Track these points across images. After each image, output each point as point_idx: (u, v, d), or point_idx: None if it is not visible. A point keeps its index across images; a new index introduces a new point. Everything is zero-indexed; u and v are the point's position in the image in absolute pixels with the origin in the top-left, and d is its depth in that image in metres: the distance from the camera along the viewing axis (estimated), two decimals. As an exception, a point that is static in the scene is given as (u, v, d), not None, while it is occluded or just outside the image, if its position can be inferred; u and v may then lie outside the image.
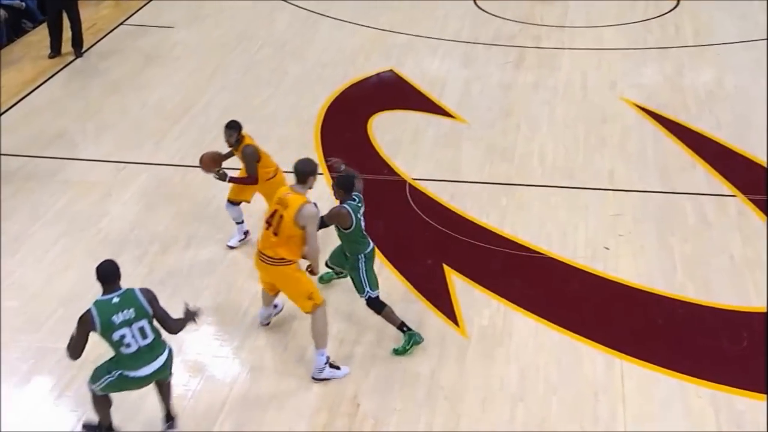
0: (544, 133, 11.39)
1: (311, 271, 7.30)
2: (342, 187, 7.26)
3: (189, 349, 7.58)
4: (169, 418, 6.68)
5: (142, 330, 6.10)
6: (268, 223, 7.08)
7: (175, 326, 6.33)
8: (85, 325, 6.04)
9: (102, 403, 6.40)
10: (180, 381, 7.18)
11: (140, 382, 6.29)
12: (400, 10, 15.49)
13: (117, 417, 6.59)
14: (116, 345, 6.08)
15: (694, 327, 7.96)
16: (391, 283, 8.40)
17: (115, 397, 6.45)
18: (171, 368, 6.41)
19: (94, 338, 6.11)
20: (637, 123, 11.61)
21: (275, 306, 7.84)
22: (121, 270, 6.24)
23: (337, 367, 7.28)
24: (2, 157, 10.69)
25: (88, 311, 6.04)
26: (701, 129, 11.37)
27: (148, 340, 6.13)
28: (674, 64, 13.32)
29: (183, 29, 14.80)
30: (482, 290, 8.33)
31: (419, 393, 7.13)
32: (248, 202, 8.76)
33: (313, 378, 7.23)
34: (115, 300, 6.07)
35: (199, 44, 14.22)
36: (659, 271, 8.62)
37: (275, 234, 7.01)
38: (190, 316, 6.38)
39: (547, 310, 8.06)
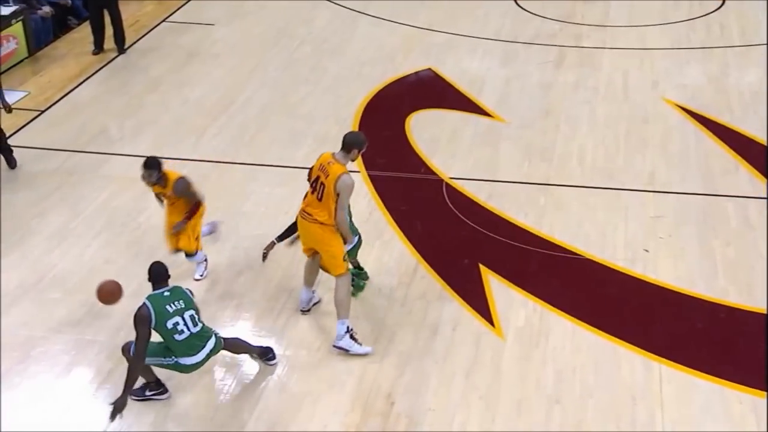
0: (584, 133, 11.26)
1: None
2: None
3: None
4: (264, 355, 7.24)
5: (192, 318, 6.62)
6: (313, 187, 7.34)
7: None
8: (143, 320, 6.47)
9: (144, 369, 6.72)
10: (216, 376, 7.23)
11: (193, 368, 6.75)
12: (440, 9, 15.40)
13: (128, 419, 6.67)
14: (170, 332, 6.51)
15: (735, 332, 7.82)
16: (426, 282, 8.36)
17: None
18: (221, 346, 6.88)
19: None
20: (679, 124, 11.44)
21: (313, 291, 7.89)
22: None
23: (359, 343, 7.38)
24: (46, 151, 10.83)
25: (144, 306, 6.49)
26: (745, 130, 11.17)
27: (198, 328, 6.64)
28: (718, 64, 13.11)
29: (223, 26, 14.86)
30: (519, 291, 8.25)
31: (454, 393, 7.07)
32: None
33: (333, 346, 7.38)
34: (166, 293, 6.61)
35: (239, 41, 14.26)
36: (700, 275, 8.48)
37: (319, 199, 7.28)
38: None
39: (585, 312, 7.96)
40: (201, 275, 8.37)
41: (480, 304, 8.07)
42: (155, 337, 6.58)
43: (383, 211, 9.54)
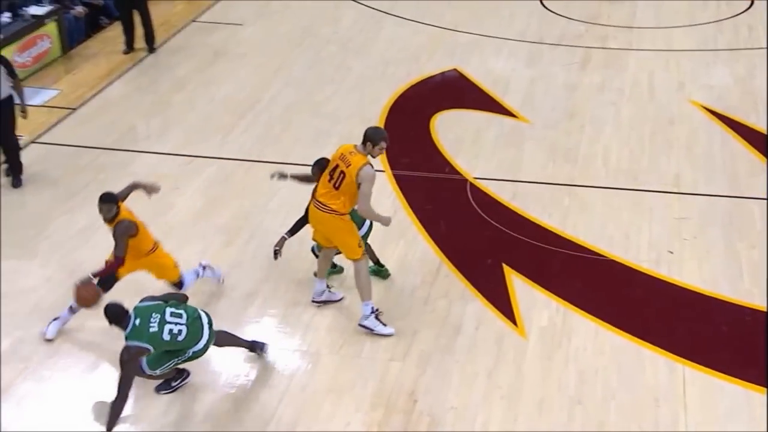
0: (609, 134, 11.18)
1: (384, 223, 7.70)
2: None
3: (254, 337, 7.62)
4: (255, 348, 7.27)
5: (174, 313, 6.62)
6: (331, 176, 7.38)
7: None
8: (136, 356, 6.48)
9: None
10: (241, 371, 7.25)
11: (207, 346, 6.83)
12: (465, 9, 15.36)
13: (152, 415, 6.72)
14: (172, 341, 6.54)
15: (760, 334, 7.70)
16: (449, 281, 8.34)
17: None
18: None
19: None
20: (705, 125, 11.33)
21: (330, 290, 7.96)
22: (184, 261, 6.34)
23: (383, 323, 7.51)
24: (76, 149, 10.90)
25: (132, 346, 6.44)
26: (771, 132, 11.07)
27: (186, 315, 6.66)
28: (746, 66, 12.96)
29: (250, 26, 14.90)
30: (542, 291, 8.20)
31: (476, 392, 7.04)
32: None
33: (359, 325, 7.56)
34: (137, 321, 6.51)
35: (266, 41, 14.29)
36: (725, 277, 8.39)
37: (336, 187, 7.33)
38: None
39: (608, 313, 7.90)
40: (220, 280, 8.30)
41: (503, 304, 8.03)
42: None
43: (407, 210, 9.52)
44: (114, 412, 6.47)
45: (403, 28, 14.69)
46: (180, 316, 6.64)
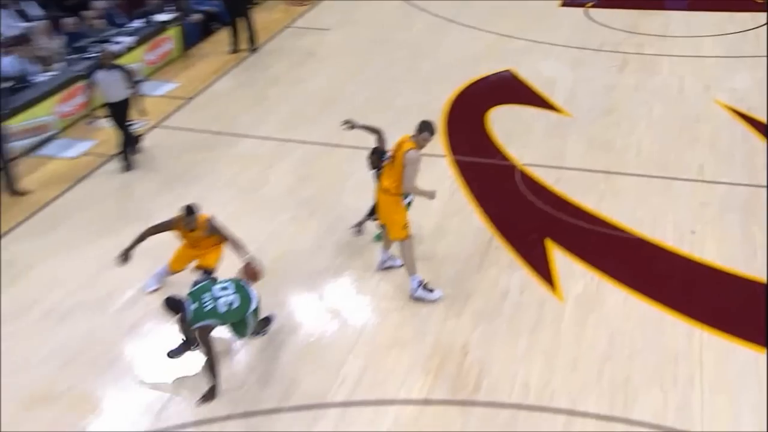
0: (642, 129, 10.88)
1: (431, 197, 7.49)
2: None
3: (329, 297, 7.67)
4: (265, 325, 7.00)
5: (221, 288, 6.42)
6: (390, 160, 7.37)
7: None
8: (206, 333, 6.26)
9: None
10: (319, 324, 7.28)
11: (257, 312, 6.63)
12: (519, 18, 15.10)
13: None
14: (230, 310, 6.36)
15: (770, 306, 7.47)
16: (499, 252, 8.24)
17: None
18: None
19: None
20: (728, 123, 10.92)
21: (393, 258, 7.87)
22: (276, 228, 6.30)
23: (431, 290, 7.43)
24: (190, 132, 11.06)
25: (198, 327, 6.23)
26: (788, 130, 10.63)
27: (231, 287, 6.47)
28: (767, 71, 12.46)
29: (336, 31, 14.88)
30: (579, 263, 8.05)
31: (519, 348, 6.96)
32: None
33: (411, 297, 7.44)
34: (193, 306, 6.28)
35: (348, 44, 14.26)
36: (741, 255, 8.10)
37: (390, 169, 7.32)
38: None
39: (636, 283, 7.72)
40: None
41: (544, 273, 7.91)
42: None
43: (464, 190, 9.42)
44: (212, 372, 6.36)
45: (465, 34, 14.50)
46: (226, 288, 6.44)
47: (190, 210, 7.07)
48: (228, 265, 7.21)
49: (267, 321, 7.07)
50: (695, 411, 6.28)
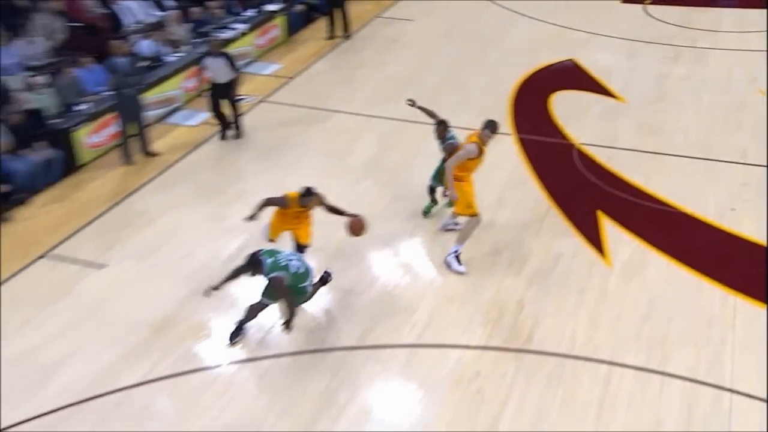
0: (690, 115, 10.46)
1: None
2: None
3: (403, 254, 7.72)
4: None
5: (289, 256, 6.27)
6: (456, 148, 7.35)
7: None
8: (282, 282, 6.10)
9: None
10: (394, 277, 7.33)
11: (310, 289, 6.47)
12: (580, 12, 14.62)
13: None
14: (298, 273, 6.22)
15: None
16: (555, 221, 8.12)
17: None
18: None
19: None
20: (770, 111, 10.42)
21: (457, 223, 7.81)
22: (360, 192, 6.30)
23: (460, 263, 7.28)
24: (290, 107, 11.17)
25: (275, 277, 6.08)
26: (828, 119, 10.03)
27: (296, 257, 6.35)
28: (809, 65, 11.78)
29: (417, 22, 14.72)
30: (626, 232, 7.88)
31: (569, 304, 6.90)
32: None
33: (444, 259, 7.34)
34: (269, 260, 6.11)
35: (426, 33, 14.09)
36: (776, 232, 7.79)
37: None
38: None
39: (678, 253, 7.52)
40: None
41: (595, 240, 7.77)
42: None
43: (527, 165, 9.28)
44: (291, 309, 6.26)
45: (531, 25, 14.14)
46: (293, 256, 6.32)
47: (308, 191, 6.78)
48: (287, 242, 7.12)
49: (323, 281, 6.90)
50: (726, 368, 6.13)
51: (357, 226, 6.77)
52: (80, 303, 7.06)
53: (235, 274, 6.28)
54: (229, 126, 10.18)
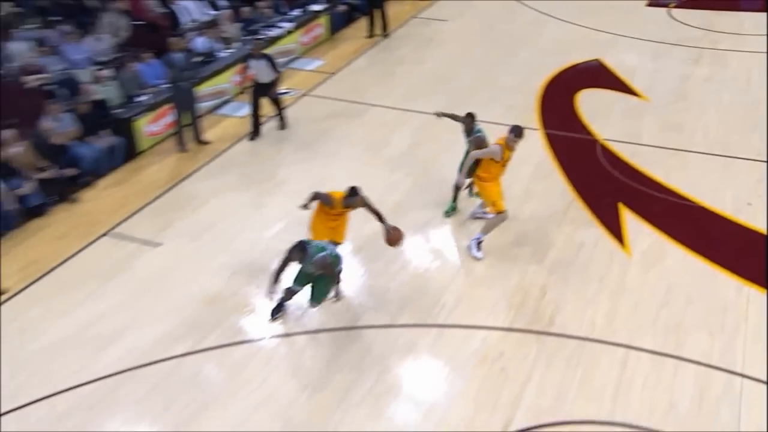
0: (711, 113, 10.16)
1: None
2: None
3: (433, 240, 7.66)
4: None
5: (324, 246, 6.20)
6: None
7: None
8: (327, 259, 6.10)
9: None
10: (425, 261, 7.29)
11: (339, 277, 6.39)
12: (607, 14, 14.27)
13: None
14: (333, 256, 6.19)
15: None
16: (578, 212, 7.99)
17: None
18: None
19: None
20: (789, 112, 10.06)
21: (485, 212, 7.73)
22: (394, 181, 6.27)
23: (480, 251, 7.23)
24: (332, 100, 11.14)
25: (321, 256, 6.07)
26: None
27: (330, 247, 6.26)
28: (830, 67, 11.33)
29: (452, 22, 14.54)
30: (646, 224, 7.71)
31: (589, 291, 6.79)
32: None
33: (468, 244, 7.29)
34: (311, 247, 6.13)
35: (461, 33, 13.92)
36: (792, 227, 7.54)
37: (483, 161, 7.28)
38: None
39: (695, 244, 7.35)
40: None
41: (616, 231, 7.63)
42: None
43: (553, 159, 9.13)
44: (328, 291, 6.39)
45: (560, 27, 13.85)
46: (328, 245, 6.27)
47: (354, 191, 6.57)
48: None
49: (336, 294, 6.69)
50: (738, 355, 5.98)
51: (395, 238, 6.62)
52: (137, 278, 7.18)
53: (284, 263, 6.26)
54: (259, 130, 10.08)
